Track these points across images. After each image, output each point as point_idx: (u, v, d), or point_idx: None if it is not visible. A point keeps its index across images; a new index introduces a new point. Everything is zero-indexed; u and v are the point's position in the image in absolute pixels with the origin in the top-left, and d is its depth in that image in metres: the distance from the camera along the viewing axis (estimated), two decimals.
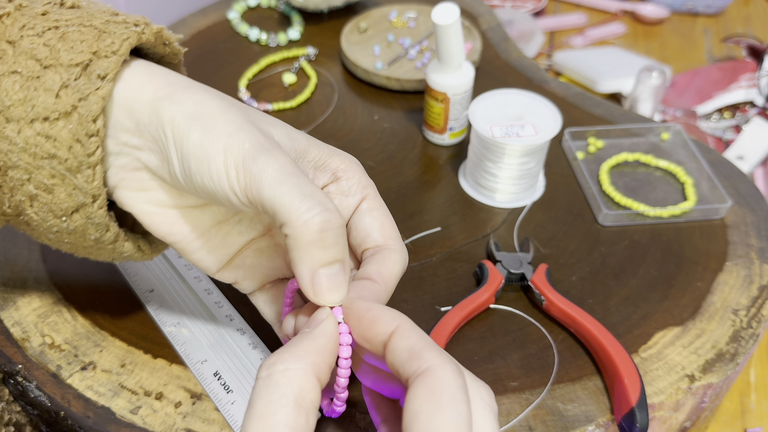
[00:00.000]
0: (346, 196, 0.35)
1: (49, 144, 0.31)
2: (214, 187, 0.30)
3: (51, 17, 0.32)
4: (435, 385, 0.25)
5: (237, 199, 0.30)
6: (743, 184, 0.57)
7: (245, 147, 0.30)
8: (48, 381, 0.42)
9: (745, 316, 0.47)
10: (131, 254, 0.37)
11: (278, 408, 0.25)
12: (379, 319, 0.28)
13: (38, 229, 0.34)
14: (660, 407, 0.42)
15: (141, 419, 0.40)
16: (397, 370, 0.27)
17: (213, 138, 0.30)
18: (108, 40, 0.32)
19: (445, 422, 0.24)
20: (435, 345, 0.27)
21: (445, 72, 0.57)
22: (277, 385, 0.26)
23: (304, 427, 0.26)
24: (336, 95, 0.67)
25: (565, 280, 0.50)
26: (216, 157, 0.30)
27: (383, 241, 0.35)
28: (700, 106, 0.82)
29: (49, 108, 0.31)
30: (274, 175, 0.29)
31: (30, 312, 0.46)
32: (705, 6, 1.00)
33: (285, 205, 0.29)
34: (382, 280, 0.33)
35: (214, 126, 0.30)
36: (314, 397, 0.27)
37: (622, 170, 0.59)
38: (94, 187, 0.32)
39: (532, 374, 0.44)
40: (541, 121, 0.53)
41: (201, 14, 0.78)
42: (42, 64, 0.31)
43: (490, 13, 0.79)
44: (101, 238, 0.34)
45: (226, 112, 0.31)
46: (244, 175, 0.30)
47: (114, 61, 0.31)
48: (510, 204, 0.56)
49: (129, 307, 0.47)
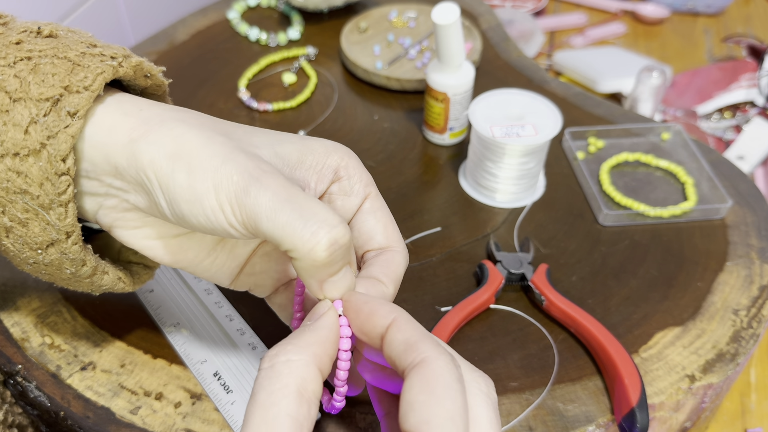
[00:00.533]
0: (349, 196, 0.34)
1: (21, 180, 0.30)
2: (212, 225, 0.29)
3: (25, 47, 0.31)
4: (430, 375, 0.25)
5: (237, 232, 0.29)
6: (744, 184, 0.57)
7: (234, 180, 0.28)
8: (48, 381, 0.42)
9: (746, 316, 0.47)
10: (111, 287, 0.36)
11: (280, 398, 0.25)
12: (377, 312, 0.28)
13: (16, 259, 0.34)
14: (660, 407, 0.42)
15: (141, 419, 0.40)
16: (394, 362, 0.27)
17: (200, 176, 0.29)
18: (81, 74, 0.31)
19: (440, 412, 0.24)
20: (431, 336, 0.27)
21: (445, 72, 0.57)
22: (279, 375, 0.26)
23: (305, 417, 0.26)
24: (336, 95, 0.67)
25: (565, 280, 0.49)
26: (207, 195, 0.29)
27: (387, 243, 0.34)
28: (701, 106, 0.82)
29: (18, 144, 0.30)
30: (269, 206, 0.28)
31: (30, 312, 0.46)
32: (705, 6, 1.00)
33: (287, 236, 0.28)
34: (389, 281, 0.33)
35: (199, 163, 0.29)
36: (316, 388, 0.27)
37: (622, 170, 0.59)
38: (66, 225, 0.31)
39: (532, 374, 0.43)
40: (542, 121, 0.53)
41: (201, 14, 0.78)
42: (11, 97, 0.30)
43: (490, 13, 0.79)
44: (77, 273, 0.34)
45: (208, 144, 0.30)
46: (240, 210, 0.29)
47: (85, 97, 0.30)
48: (510, 204, 0.56)
49: (129, 307, 0.47)
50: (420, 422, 0.24)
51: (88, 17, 0.69)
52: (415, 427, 0.24)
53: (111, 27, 0.73)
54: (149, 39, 0.73)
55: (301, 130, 0.62)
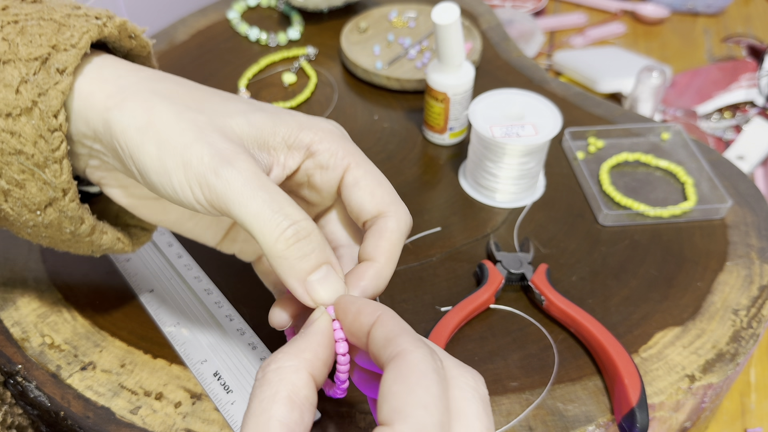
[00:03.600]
0: (327, 170, 0.33)
1: (15, 140, 0.31)
2: (180, 198, 0.30)
3: (11, 11, 0.32)
4: (405, 366, 0.25)
5: (203, 209, 0.30)
6: (743, 184, 0.57)
7: (205, 161, 0.29)
8: (48, 381, 0.42)
9: (746, 316, 0.47)
10: (110, 246, 0.37)
11: (270, 405, 0.26)
12: (363, 311, 0.28)
13: (16, 224, 0.35)
14: (660, 407, 0.42)
15: (141, 419, 0.40)
16: (377, 357, 0.27)
17: (169, 151, 0.29)
18: (67, 33, 0.31)
19: (412, 401, 0.24)
20: (412, 331, 0.27)
21: (445, 72, 0.57)
22: (270, 383, 0.26)
23: (298, 423, 0.26)
24: (336, 95, 0.67)
25: (565, 280, 0.50)
26: (176, 171, 0.29)
27: (377, 209, 0.33)
28: (701, 106, 0.82)
29: (11, 104, 0.30)
30: (241, 191, 0.28)
31: (30, 312, 0.46)
32: (705, 6, 1.00)
33: (255, 223, 0.28)
34: (382, 254, 0.32)
35: (169, 138, 0.30)
36: (308, 394, 0.27)
37: (622, 170, 0.59)
38: (62, 182, 0.32)
39: (532, 374, 0.43)
40: (542, 121, 0.53)
41: (201, 14, 0.78)
42: (1, 60, 0.31)
43: (490, 13, 0.79)
44: (77, 231, 0.34)
45: (179, 119, 0.30)
46: (209, 191, 0.29)
47: (73, 54, 0.31)
48: (510, 204, 0.56)
49: (129, 307, 0.47)
50: (392, 411, 0.24)
51: None
52: (387, 417, 0.24)
53: None
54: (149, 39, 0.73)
55: None
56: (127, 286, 0.48)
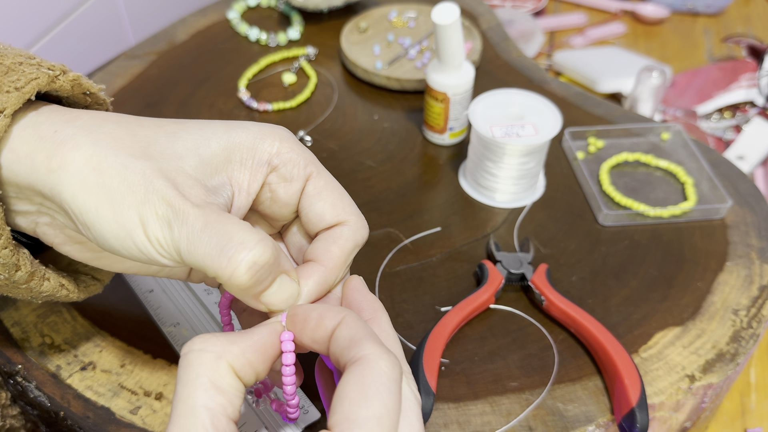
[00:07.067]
0: (290, 182, 0.33)
1: None
2: (146, 257, 0.29)
3: None
4: (366, 374, 0.25)
5: (171, 262, 0.29)
6: (743, 184, 0.57)
7: (160, 214, 0.28)
8: (48, 381, 0.42)
9: (746, 316, 0.47)
10: (52, 293, 0.35)
11: (194, 390, 0.25)
12: (325, 316, 0.28)
13: None
14: (660, 407, 0.42)
15: (141, 419, 0.40)
16: (338, 358, 0.27)
17: (124, 211, 0.28)
18: (14, 76, 0.30)
19: (366, 413, 0.24)
20: (376, 337, 0.27)
21: (445, 72, 0.57)
22: (191, 365, 0.26)
23: (225, 406, 0.26)
24: (336, 95, 0.67)
25: (565, 280, 0.50)
26: (136, 230, 0.28)
27: (336, 220, 0.33)
28: (701, 106, 0.82)
29: None
30: (188, 239, 0.27)
31: (30, 312, 0.46)
32: (705, 6, 1.00)
33: (207, 266, 0.27)
34: (330, 259, 0.32)
35: (122, 197, 0.28)
36: (232, 382, 0.26)
37: (622, 170, 0.59)
38: None
39: (532, 374, 0.43)
40: (542, 121, 0.53)
41: (201, 14, 0.78)
42: None
43: (490, 13, 0.79)
44: (11, 278, 0.33)
45: (126, 172, 0.29)
46: (165, 244, 0.28)
47: (15, 96, 0.29)
48: (510, 204, 0.56)
49: (129, 307, 0.47)
50: (343, 419, 0.24)
51: (88, 17, 0.69)
52: (338, 423, 0.24)
53: (111, 27, 0.73)
54: (149, 39, 0.73)
55: (300, 130, 0.62)
56: (128, 286, 0.48)
